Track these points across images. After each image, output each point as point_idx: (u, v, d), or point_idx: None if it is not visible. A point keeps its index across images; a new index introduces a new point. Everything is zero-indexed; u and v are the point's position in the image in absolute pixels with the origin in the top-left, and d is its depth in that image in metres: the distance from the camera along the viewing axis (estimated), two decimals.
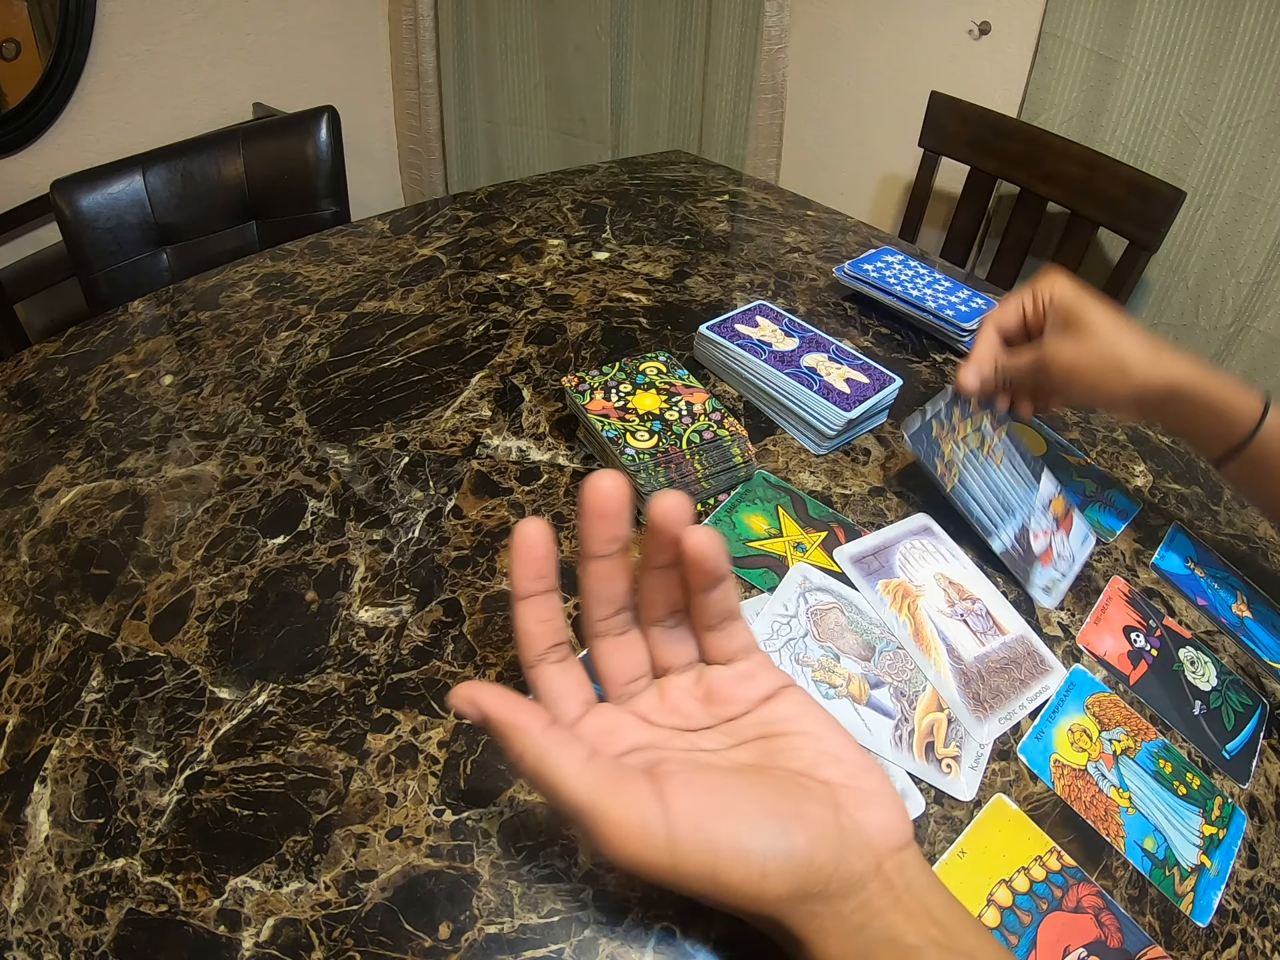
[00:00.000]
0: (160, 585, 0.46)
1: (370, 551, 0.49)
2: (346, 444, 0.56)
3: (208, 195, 1.07)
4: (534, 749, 0.26)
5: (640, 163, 1.06)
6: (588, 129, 1.87)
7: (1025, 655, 0.45)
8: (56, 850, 0.35)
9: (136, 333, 0.69)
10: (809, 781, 0.28)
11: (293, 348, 0.66)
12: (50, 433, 0.58)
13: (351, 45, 1.85)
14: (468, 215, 0.89)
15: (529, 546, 0.29)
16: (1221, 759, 0.42)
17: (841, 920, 0.26)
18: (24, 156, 1.42)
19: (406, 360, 0.65)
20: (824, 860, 0.25)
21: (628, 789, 0.26)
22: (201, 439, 0.57)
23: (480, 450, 0.56)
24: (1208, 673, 0.46)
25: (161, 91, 1.54)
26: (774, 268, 0.81)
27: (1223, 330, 1.29)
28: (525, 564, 0.29)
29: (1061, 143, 1.14)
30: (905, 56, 1.50)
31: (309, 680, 0.42)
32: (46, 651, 0.43)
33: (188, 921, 0.33)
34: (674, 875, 0.25)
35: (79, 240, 0.99)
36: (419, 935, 0.33)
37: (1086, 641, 0.46)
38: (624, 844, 0.25)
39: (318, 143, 1.11)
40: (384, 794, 0.37)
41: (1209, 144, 1.20)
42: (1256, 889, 0.37)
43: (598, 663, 0.31)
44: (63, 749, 0.39)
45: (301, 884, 0.34)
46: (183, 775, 0.38)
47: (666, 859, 0.25)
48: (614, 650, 0.31)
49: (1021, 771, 0.40)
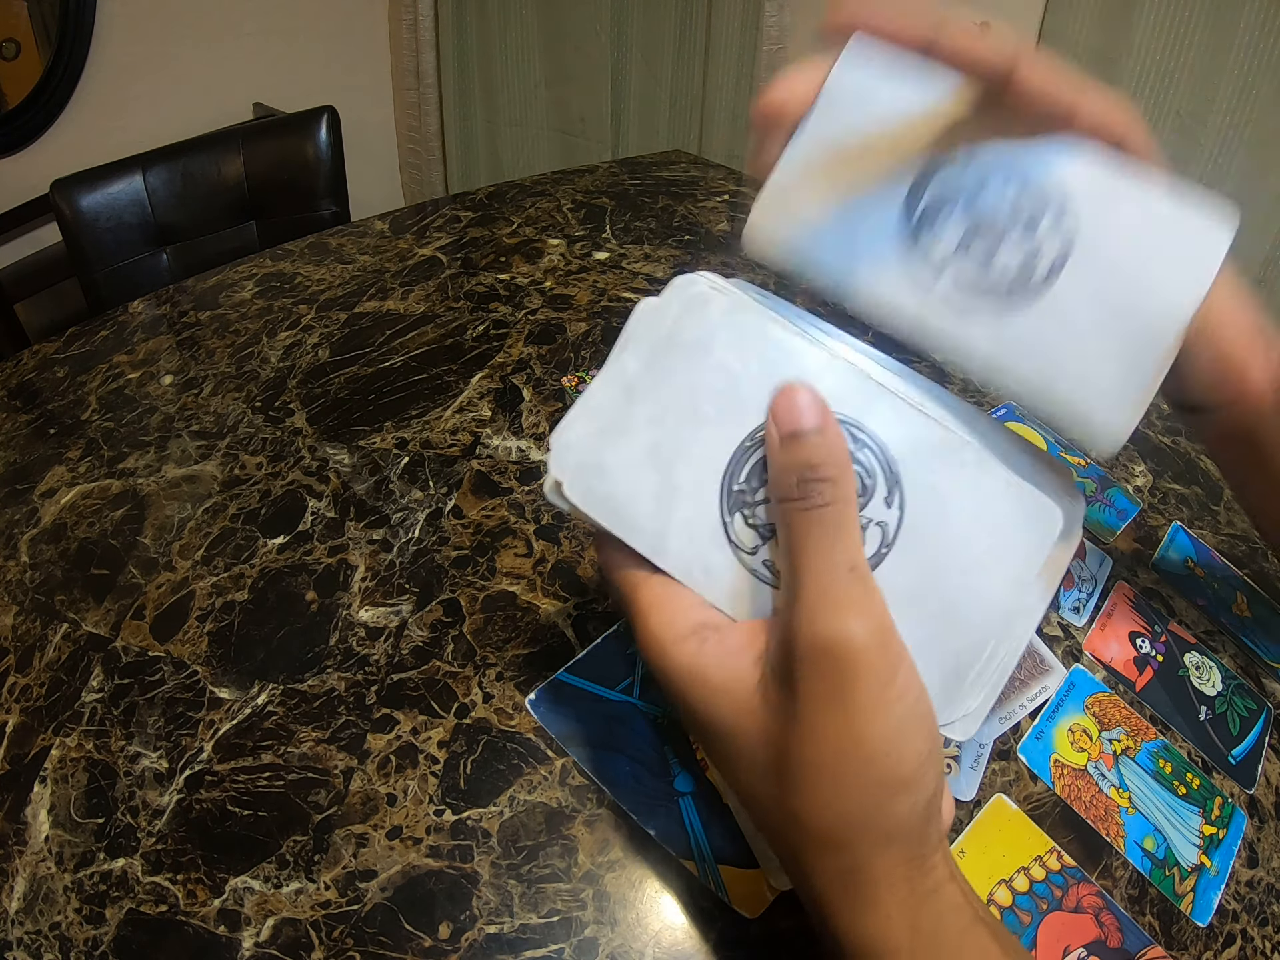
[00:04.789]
0: (160, 585, 0.46)
1: (370, 551, 0.49)
2: (346, 444, 0.56)
3: (208, 195, 1.07)
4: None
5: (640, 163, 1.06)
6: (588, 129, 1.87)
7: (1025, 655, 0.45)
8: (56, 850, 0.35)
9: (136, 333, 0.69)
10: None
11: (293, 348, 0.66)
12: (50, 433, 0.58)
13: (351, 45, 1.85)
14: (468, 215, 0.89)
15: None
16: (1227, 764, 0.42)
17: (922, 874, 0.22)
18: (24, 156, 1.43)
19: (406, 360, 0.65)
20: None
21: None
22: (201, 439, 0.57)
23: (480, 450, 0.56)
24: (1213, 678, 0.46)
25: (161, 91, 1.54)
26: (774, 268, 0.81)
27: None
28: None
29: None
30: None
31: (309, 680, 0.42)
32: (46, 651, 0.43)
33: (188, 921, 0.33)
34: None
35: (79, 240, 0.99)
36: (419, 935, 0.33)
37: (1093, 648, 0.46)
38: None
39: (318, 143, 1.11)
40: (384, 794, 0.37)
41: (1209, 144, 1.20)
42: (1256, 889, 0.37)
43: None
44: (63, 749, 0.39)
45: (301, 884, 0.34)
46: (183, 775, 0.38)
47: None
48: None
49: (1021, 771, 0.40)
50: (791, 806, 0.21)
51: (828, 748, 0.20)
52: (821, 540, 0.21)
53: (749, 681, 0.22)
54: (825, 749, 0.20)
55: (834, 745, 0.20)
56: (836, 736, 0.20)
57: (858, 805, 0.21)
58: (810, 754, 0.20)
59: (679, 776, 0.38)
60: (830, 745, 0.20)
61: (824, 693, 0.20)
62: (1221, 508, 0.58)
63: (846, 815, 0.21)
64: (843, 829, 0.21)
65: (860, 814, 0.21)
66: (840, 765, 0.20)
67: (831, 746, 0.20)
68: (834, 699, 0.20)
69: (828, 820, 0.21)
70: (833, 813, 0.21)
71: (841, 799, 0.21)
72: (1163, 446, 0.63)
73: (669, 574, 0.25)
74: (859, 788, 0.20)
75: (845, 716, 0.20)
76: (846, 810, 0.21)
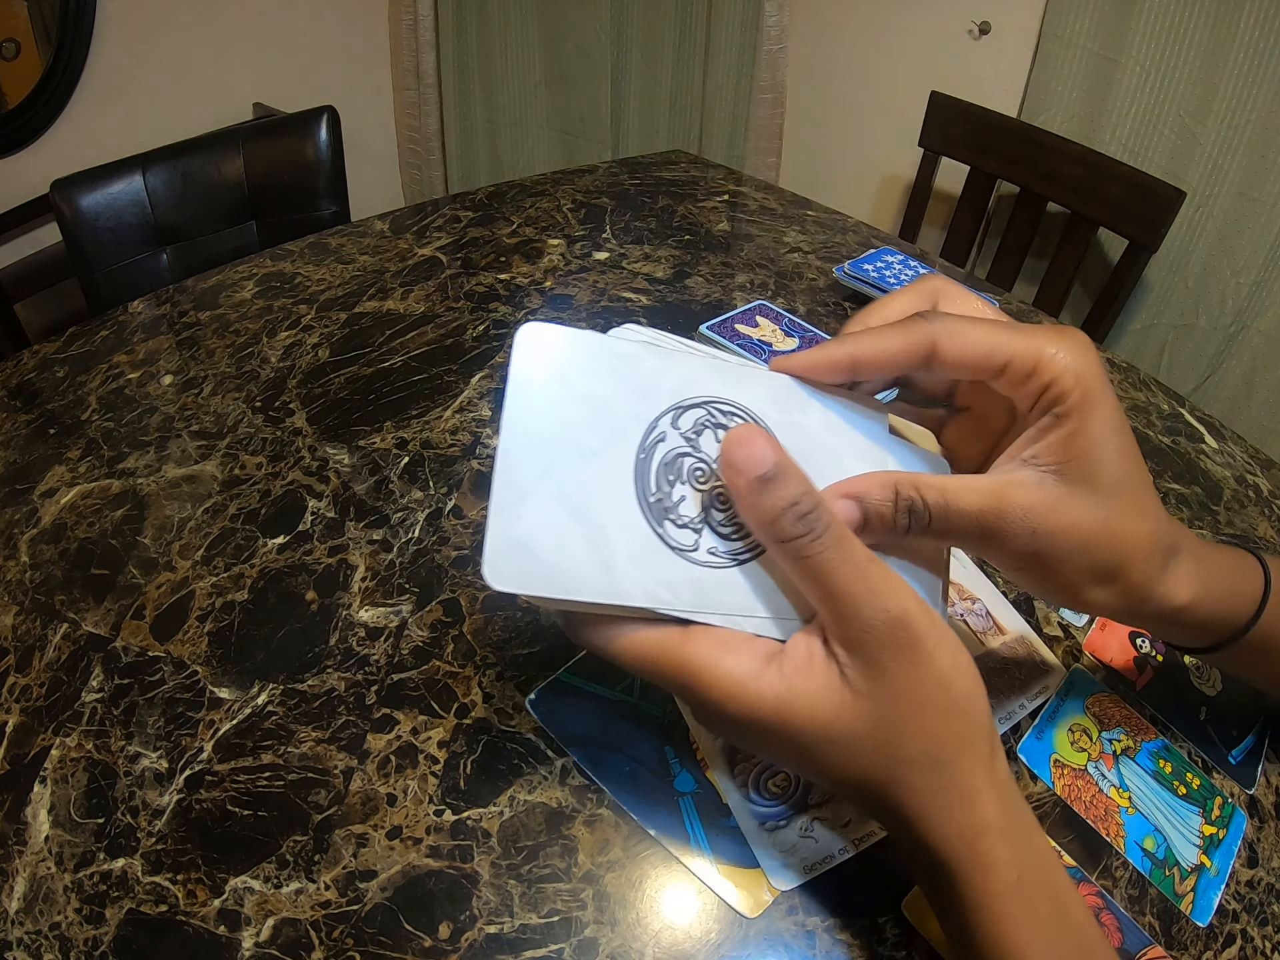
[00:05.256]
0: (160, 585, 0.46)
1: (370, 551, 0.49)
2: (346, 444, 0.56)
3: (208, 195, 1.07)
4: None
5: (640, 163, 1.06)
6: (588, 129, 1.87)
7: (1025, 655, 0.45)
8: (56, 850, 0.35)
9: (136, 333, 0.69)
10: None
11: (293, 348, 0.66)
12: (50, 433, 0.58)
13: (351, 45, 1.85)
14: (468, 215, 0.89)
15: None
16: (1227, 764, 0.42)
17: (994, 770, 0.26)
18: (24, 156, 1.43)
19: (406, 360, 0.65)
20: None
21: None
22: (201, 439, 0.57)
23: (480, 450, 0.56)
24: (1213, 677, 0.46)
25: (161, 91, 1.54)
26: (774, 268, 0.81)
27: (1223, 330, 1.29)
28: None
29: (1061, 143, 1.14)
30: (905, 56, 1.50)
31: (309, 680, 0.42)
32: (46, 651, 0.43)
33: (188, 921, 0.33)
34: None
35: (79, 240, 0.99)
36: (419, 935, 0.33)
37: (1093, 648, 0.46)
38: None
39: (318, 143, 1.11)
40: (384, 794, 0.37)
41: (1209, 144, 1.20)
42: (1256, 889, 0.37)
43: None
44: (63, 749, 0.39)
45: (301, 884, 0.34)
46: (183, 775, 0.38)
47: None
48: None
49: (1021, 771, 0.40)
50: (904, 753, 0.25)
51: (922, 693, 0.25)
52: (840, 554, 0.24)
53: (833, 680, 0.25)
54: (920, 695, 0.25)
55: (925, 691, 0.25)
56: (923, 684, 0.25)
57: (953, 727, 0.26)
58: (908, 705, 0.25)
59: (679, 776, 0.38)
60: (923, 691, 0.25)
61: (906, 657, 0.25)
62: (1221, 508, 0.58)
63: (945, 737, 0.26)
64: (942, 749, 0.26)
65: (953, 732, 0.26)
66: (935, 703, 0.25)
67: (924, 692, 0.25)
68: (912, 659, 0.25)
69: (934, 748, 0.25)
70: (937, 740, 0.25)
71: (942, 726, 0.25)
72: (1163, 447, 0.63)
73: (633, 607, 0.25)
74: (952, 715, 0.26)
75: (927, 668, 0.25)
76: (946, 732, 0.26)
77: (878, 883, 0.35)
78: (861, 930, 0.34)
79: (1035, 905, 0.25)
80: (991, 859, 0.25)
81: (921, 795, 0.26)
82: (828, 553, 0.24)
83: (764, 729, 0.26)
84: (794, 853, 0.35)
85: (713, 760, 0.38)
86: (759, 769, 0.38)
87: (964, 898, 0.26)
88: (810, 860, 0.35)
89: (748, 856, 0.35)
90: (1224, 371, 1.31)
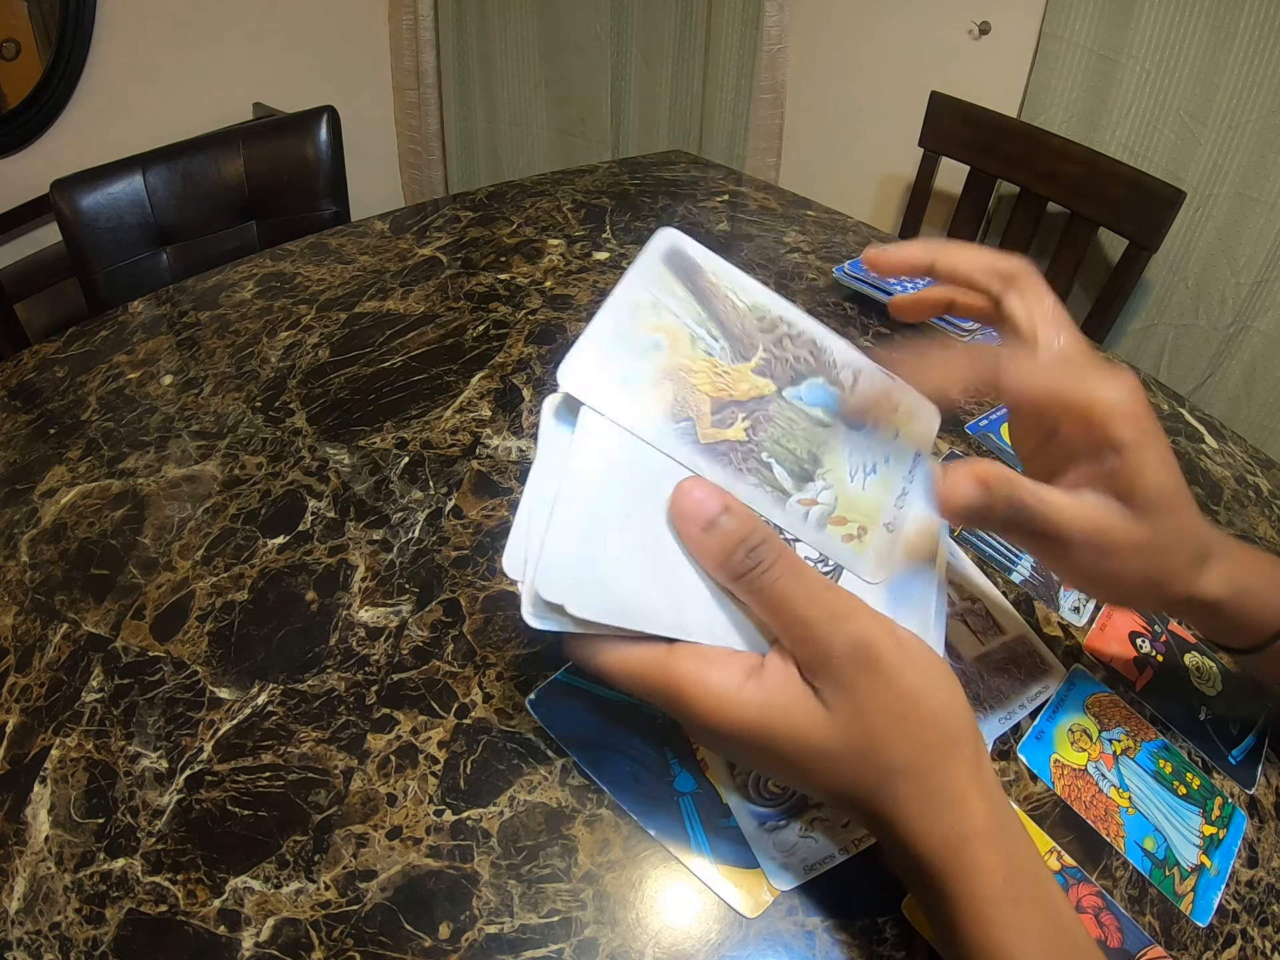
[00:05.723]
0: (160, 585, 0.46)
1: (370, 551, 0.49)
2: (346, 444, 0.56)
3: (208, 195, 1.07)
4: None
5: (640, 163, 1.06)
6: (588, 129, 1.87)
7: (1025, 655, 0.45)
8: (56, 850, 0.35)
9: (136, 333, 0.69)
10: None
11: (293, 348, 0.66)
12: (50, 433, 0.58)
13: (351, 45, 1.85)
14: (468, 215, 0.89)
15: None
16: (1227, 764, 0.42)
17: (981, 774, 0.27)
18: (24, 156, 1.43)
19: (406, 360, 0.65)
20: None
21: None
22: (201, 439, 0.57)
23: (480, 450, 0.56)
24: (1213, 677, 0.46)
25: (161, 91, 1.54)
26: (774, 268, 0.81)
27: (1223, 330, 1.29)
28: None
29: (1061, 142, 1.14)
30: (905, 56, 1.50)
31: (309, 680, 0.42)
32: (46, 651, 0.43)
33: (188, 921, 0.33)
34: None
35: (79, 240, 0.99)
36: (419, 935, 0.33)
37: (1093, 648, 0.46)
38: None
39: (318, 143, 1.11)
40: (384, 794, 0.37)
41: (1209, 144, 1.20)
42: (1256, 889, 0.37)
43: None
44: (63, 749, 0.39)
45: (301, 884, 0.34)
46: (183, 775, 0.38)
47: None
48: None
49: (1021, 771, 0.40)
50: (886, 763, 0.26)
51: (897, 706, 0.26)
52: (793, 583, 0.26)
53: (808, 695, 0.26)
54: (895, 708, 0.26)
55: (900, 704, 0.26)
56: (898, 698, 0.26)
57: (931, 735, 0.27)
58: (882, 720, 0.26)
59: (679, 776, 0.38)
60: (898, 704, 0.26)
61: (869, 676, 0.26)
62: (1221, 508, 0.58)
63: (926, 745, 0.27)
64: (925, 756, 0.27)
65: (936, 740, 0.27)
66: (911, 714, 0.26)
67: (899, 705, 0.26)
68: (878, 676, 0.26)
69: (916, 756, 0.26)
70: (919, 748, 0.26)
71: (920, 735, 0.26)
72: None
73: (694, 642, 0.27)
74: (931, 724, 0.27)
75: (897, 682, 0.26)
76: (926, 741, 0.26)
77: (877, 883, 0.35)
78: (861, 930, 0.34)
79: (1023, 909, 0.26)
80: (978, 864, 0.26)
81: (906, 803, 0.27)
82: (780, 582, 0.26)
83: (748, 740, 0.27)
84: (794, 853, 0.35)
85: (712, 761, 0.38)
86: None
87: (952, 902, 0.26)
88: (810, 861, 0.35)
89: (747, 857, 0.35)
90: (1224, 372, 1.31)
